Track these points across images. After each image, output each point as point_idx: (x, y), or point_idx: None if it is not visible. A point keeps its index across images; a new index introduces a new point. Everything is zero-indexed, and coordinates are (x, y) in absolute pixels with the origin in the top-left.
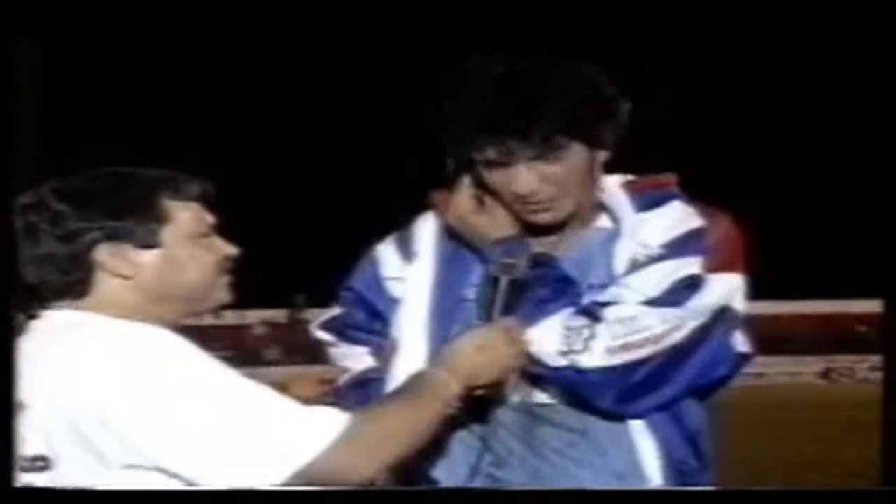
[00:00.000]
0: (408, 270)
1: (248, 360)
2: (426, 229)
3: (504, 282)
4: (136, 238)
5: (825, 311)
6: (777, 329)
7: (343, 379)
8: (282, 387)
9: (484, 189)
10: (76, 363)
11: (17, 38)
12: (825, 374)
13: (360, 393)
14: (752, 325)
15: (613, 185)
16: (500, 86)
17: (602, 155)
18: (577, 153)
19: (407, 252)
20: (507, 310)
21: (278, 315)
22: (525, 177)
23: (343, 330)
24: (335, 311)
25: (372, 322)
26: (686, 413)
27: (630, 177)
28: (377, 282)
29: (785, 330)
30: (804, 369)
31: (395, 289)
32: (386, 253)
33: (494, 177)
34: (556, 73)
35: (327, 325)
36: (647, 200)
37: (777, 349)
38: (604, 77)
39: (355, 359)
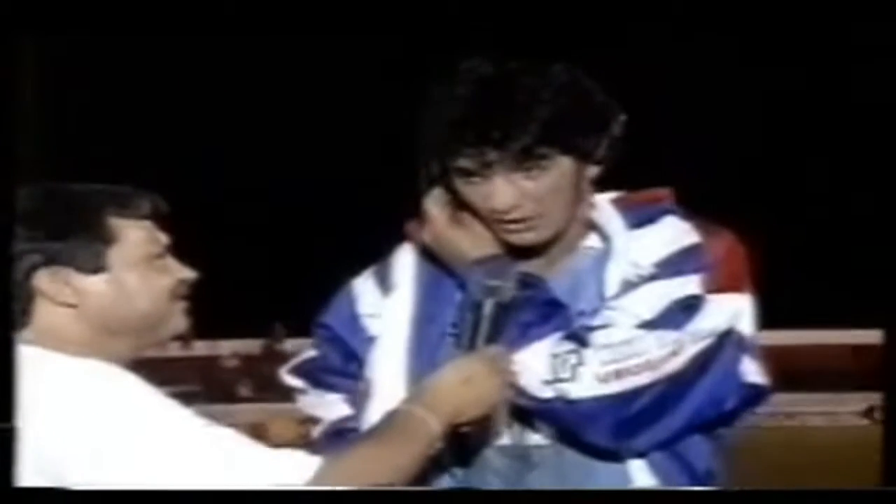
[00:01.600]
0: (385, 304)
1: (219, 395)
2: (405, 259)
3: (489, 306)
4: (79, 262)
5: (866, 342)
6: (809, 362)
7: (316, 431)
8: (258, 427)
9: (460, 203)
10: (16, 407)
11: (17, 38)
12: (868, 413)
13: (335, 446)
14: (778, 357)
15: (604, 202)
16: (480, 89)
17: (592, 170)
18: (562, 167)
19: (385, 285)
20: (493, 337)
21: (253, 346)
22: (503, 191)
23: (315, 374)
24: (306, 353)
25: (347, 364)
26: (692, 451)
27: (623, 192)
28: (353, 319)
29: (819, 363)
30: (843, 408)
31: (372, 326)
32: (363, 287)
33: (470, 190)
34: (541, 77)
35: (298, 370)
36: (640, 216)
37: (811, 385)
38: (595, 84)
39: (328, 407)
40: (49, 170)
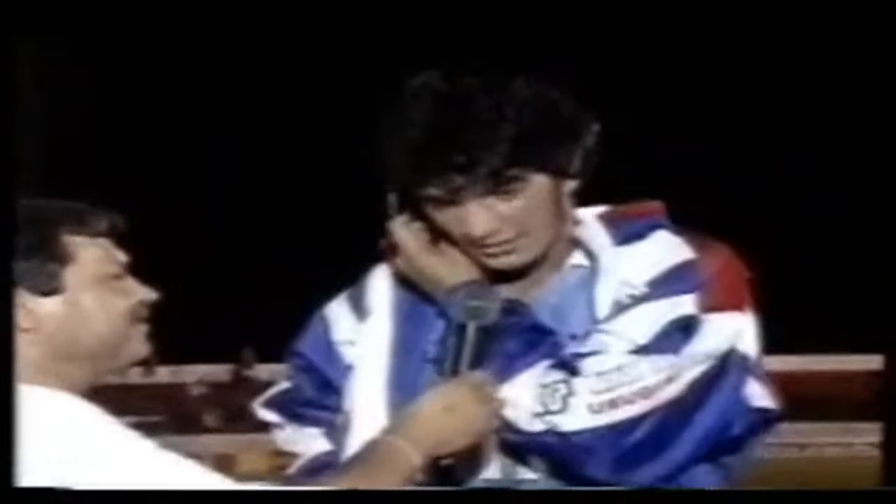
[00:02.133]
0: (361, 331)
1: (184, 425)
2: (380, 282)
3: (472, 328)
4: (33, 283)
5: (881, 368)
6: (821, 390)
7: (294, 466)
8: (226, 459)
9: (433, 229)
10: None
11: (17, 39)
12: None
13: (314, 481)
14: (789, 384)
15: (589, 217)
16: (437, 111)
17: (570, 184)
18: (537, 185)
19: (360, 310)
20: (477, 362)
21: (221, 372)
22: (477, 217)
23: (291, 407)
24: (281, 385)
25: (324, 395)
26: (699, 484)
27: (610, 206)
28: (328, 346)
29: (831, 391)
30: (857, 439)
31: (348, 354)
32: (337, 312)
33: (442, 216)
34: (502, 93)
35: (272, 403)
36: (628, 232)
37: (823, 414)
38: (562, 94)
39: (306, 442)
40: (49, 170)
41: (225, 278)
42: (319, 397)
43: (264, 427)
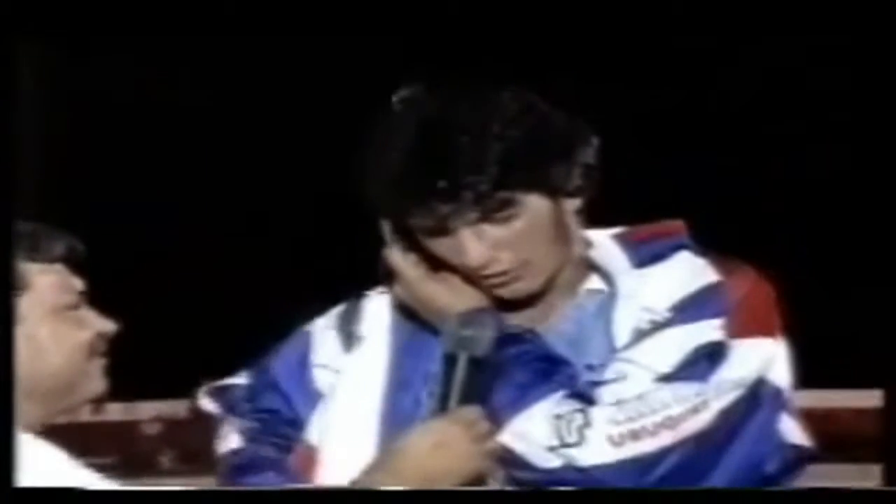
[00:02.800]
0: (348, 360)
1: (138, 467)
2: (377, 306)
3: (462, 360)
4: None
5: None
6: (827, 426)
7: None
8: None
9: (430, 258)
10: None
11: (17, 40)
12: None
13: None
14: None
15: (604, 238)
16: (419, 130)
17: (570, 204)
18: (533, 207)
19: (349, 335)
20: (469, 397)
21: (178, 409)
22: (471, 246)
23: (235, 405)
24: (234, 380)
25: (277, 421)
26: None
27: (628, 227)
28: (302, 367)
29: (837, 427)
30: (867, 480)
31: (321, 379)
32: (322, 332)
33: (436, 246)
34: (487, 109)
35: (215, 395)
36: (648, 253)
37: (829, 455)
38: (554, 106)
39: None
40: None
41: (184, 304)
42: (274, 422)
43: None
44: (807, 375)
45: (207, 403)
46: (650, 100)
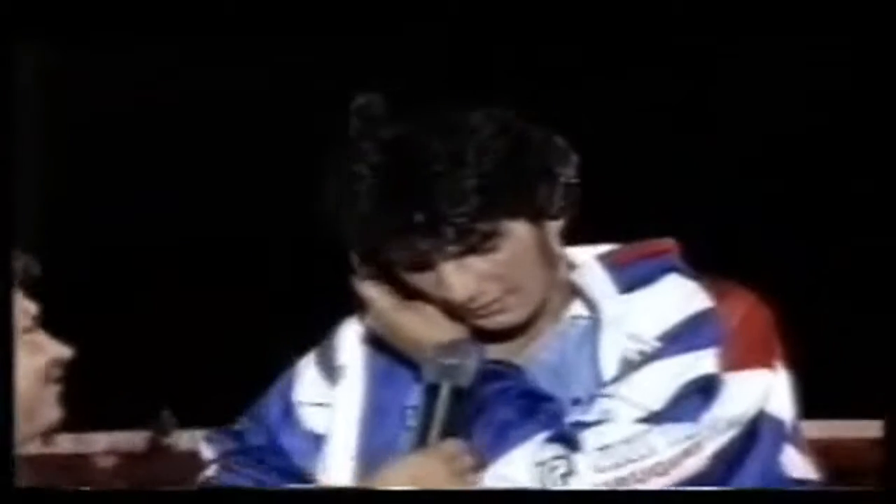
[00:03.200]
0: (333, 393)
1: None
2: (350, 339)
3: (446, 390)
4: None
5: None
6: (830, 457)
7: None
8: None
9: (406, 290)
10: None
11: (17, 41)
12: None
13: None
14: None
15: (588, 259)
16: (385, 163)
17: (554, 226)
18: (517, 234)
19: (331, 370)
20: (450, 430)
21: (134, 440)
22: (455, 281)
23: (228, 451)
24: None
25: (265, 455)
26: None
27: (614, 245)
28: (287, 407)
29: (841, 458)
30: None
31: (311, 419)
32: (304, 369)
33: (415, 281)
34: (459, 133)
35: (215, 441)
36: (634, 276)
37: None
38: (528, 123)
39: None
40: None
41: (144, 332)
42: (260, 454)
43: None
44: (805, 405)
45: (205, 450)
46: (633, 110)
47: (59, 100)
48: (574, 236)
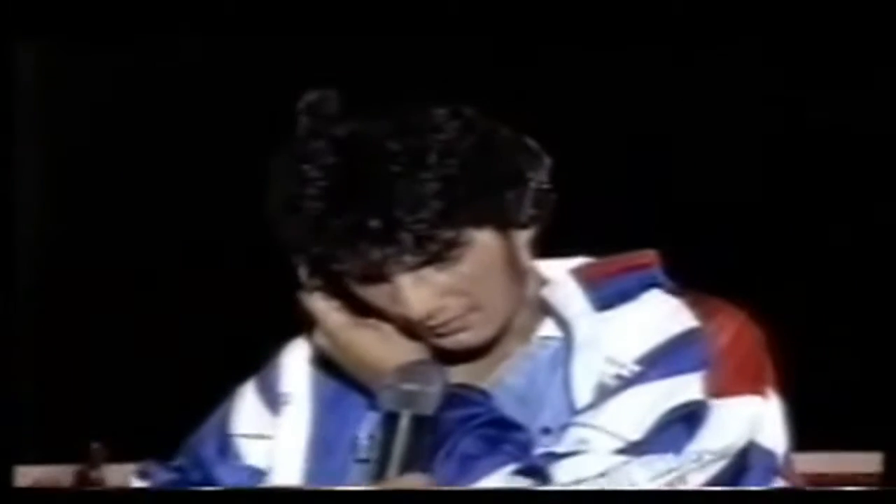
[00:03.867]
0: (275, 423)
1: None
2: (295, 362)
3: (406, 419)
4: None
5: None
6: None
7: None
8: None
9: (360, 307)
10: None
11: (17, 41)
12: None
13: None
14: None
15: (561, 274)
16: (335, 163)
17: (523, 236)
18: (482, 245)
19: (273, 397)
20: (411, 461)
21: (61, 474)
22: (413, 295)
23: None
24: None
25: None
26: None
27: (589, 258)
28: (224, 442)
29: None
30: None
31: (250, 452)
32: (244, 398)
33: (369, 294)
34: (420, 132)
35: (143, 476)
36: (611, 292)
37: None
38: (498, 123)
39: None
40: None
41: (68, 354)
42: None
43: None
44: (799, 437)
45: (136, 485)
46: (612, 109)
47: (60, 99)
48: (545, 248)
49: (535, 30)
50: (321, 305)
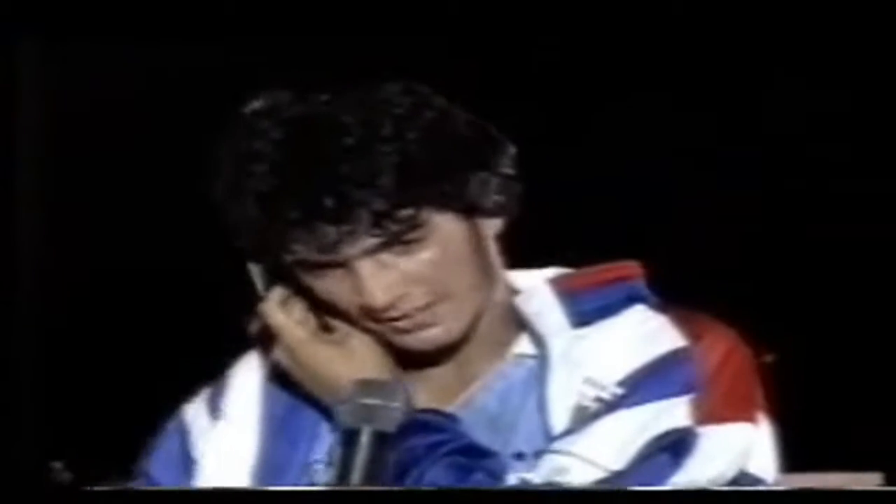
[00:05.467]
0: (224, 442)
1: None
2: (244, 378)
3: (366, 436)
4: None
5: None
6: None
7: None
8: None
9: (318, 307)
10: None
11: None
12: None
13: None
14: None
15: (538, 284)
16: (289, 138)
17: (489, 225)
18: (446, 229)
19: (214, 411)
20: (372, 480)
21: None
22: (373, 282)
23: None
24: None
25: None
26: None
27: (567, 269)
28: (186, 464)
29: None
30: None
31: (208, 475)
32: (196, 417)
33: (326, 285)
34: (374, 107)
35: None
36: (592, 306)
37: None
38: (452, 103)
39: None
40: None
41: (28, 371)
42: None
43: None
44: (797, 456)
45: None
46: (600, 106)
47: (60, 99)
48: (520, 257)
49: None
50: (281, 319)
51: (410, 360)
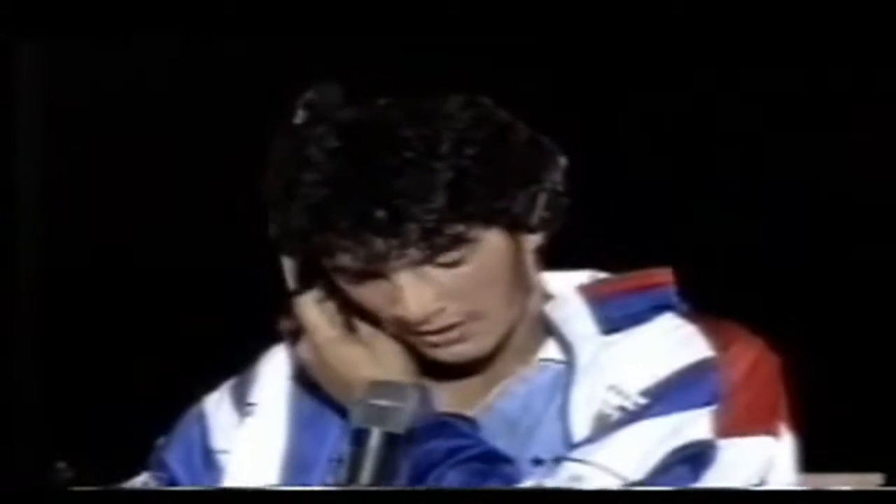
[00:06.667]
0: (250, 437)
1: None
2: (272, 373)
3: (376, 436)
4: None
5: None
6: None
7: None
8: None
9: (351, 308)
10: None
11: (18, 40)
12: None
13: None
14: None
15: (567, 291)
16: (343, 147)
17: (531, 241)
18: (490, 246)
19: (241, 405)
20: (381, 481)
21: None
22: (412, 294)
23: None
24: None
25: None
26: None
27: (598, 274)
28: (205, 457)
29: None
30: None
31: (231, 470)
32: (218, 409)
33: (364, 293)
34: (433, 120)
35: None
36: (621, 313)
37: None
38: (515, 117)
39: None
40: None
41: (31, 371)
42: None
43: None
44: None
45: None
46: (632, 108)
47: (60, 98)
48: (552, 259)
49: (555, 30)
50: (315, 317)
51: (439, 370)
